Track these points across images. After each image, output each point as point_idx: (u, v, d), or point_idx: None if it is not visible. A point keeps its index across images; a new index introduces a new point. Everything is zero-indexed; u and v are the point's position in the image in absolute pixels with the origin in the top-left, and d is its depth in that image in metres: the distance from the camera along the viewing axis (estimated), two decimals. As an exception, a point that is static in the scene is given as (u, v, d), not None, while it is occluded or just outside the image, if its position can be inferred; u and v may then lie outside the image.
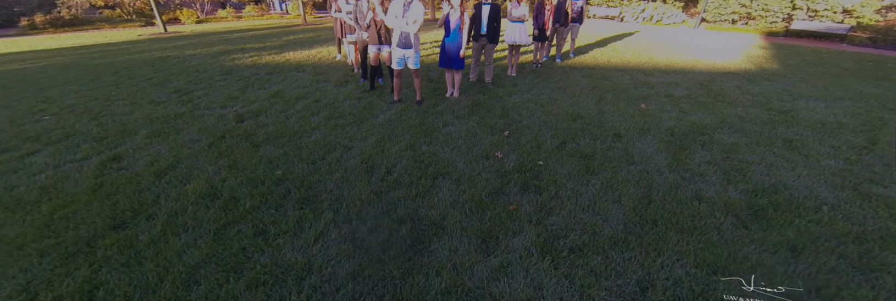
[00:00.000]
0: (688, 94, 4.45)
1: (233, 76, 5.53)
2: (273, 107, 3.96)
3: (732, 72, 5.78)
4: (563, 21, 5.99)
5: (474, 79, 4.83)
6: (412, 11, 3.43)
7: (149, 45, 9.84)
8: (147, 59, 7.35)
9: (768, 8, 11.78)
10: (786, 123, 3.50)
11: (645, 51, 7.49)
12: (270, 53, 7.61)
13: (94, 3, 16.45)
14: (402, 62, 3.74)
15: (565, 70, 5.71)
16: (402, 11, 3.45)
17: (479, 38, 4.43)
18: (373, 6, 3.98)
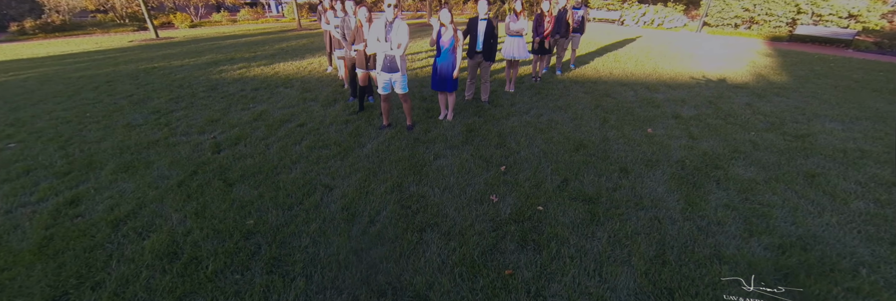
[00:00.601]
0: (696, 114, 4.20)
1: (217, 93, 5.27)
2: (254, 133, 3.71)
3: (740, 86, 5.53)
4: (564, 32, 5.74)
5: (470, 97, 4.57)
6: (396, 32, 3.16)
7: (137, 53, 9.58)
8: (132, 71, 7.08)
9: (772, 12, 11.53)
10: (804, 152, 3.26)
11: (648, 61, 7.24)
12: (260, 64, 7.35)
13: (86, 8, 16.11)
14: (389, 87, 3.47)
15: (566, 84, 5.46)
16: (385, 33, 3.18)
17: (474, 56, 4.19)
18: (360, 24, 3.73)
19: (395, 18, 3.16)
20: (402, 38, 3.18)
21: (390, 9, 3.10)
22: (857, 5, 10.49)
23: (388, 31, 3.18)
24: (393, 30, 3.16)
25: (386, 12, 3.13)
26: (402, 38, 3.18)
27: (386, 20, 3.16)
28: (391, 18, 3.14)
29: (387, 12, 3.13)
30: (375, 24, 3.19)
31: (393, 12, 3.12)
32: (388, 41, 3.18)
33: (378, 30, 3.19)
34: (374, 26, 3.19)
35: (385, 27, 3.17)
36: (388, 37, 3.18)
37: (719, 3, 12.53)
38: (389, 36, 3.18)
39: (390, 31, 3.17)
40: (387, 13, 3.13)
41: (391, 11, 3.11)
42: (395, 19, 3.16)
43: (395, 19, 3.15)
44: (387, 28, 3.18)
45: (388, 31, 3.18)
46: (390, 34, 3.17)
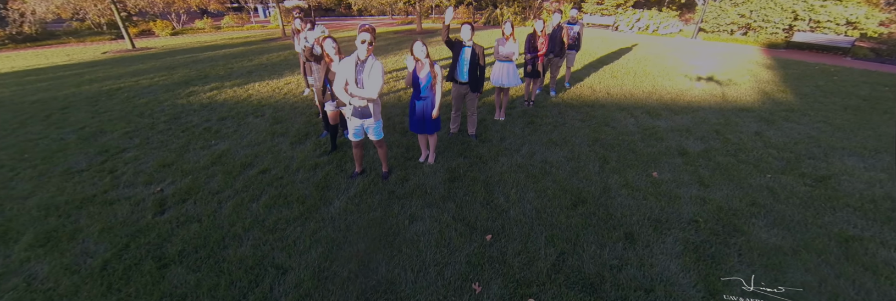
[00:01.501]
0: (704, 149, 3.83)
1: (179, 124, 4.79)
2: (208, 183, 3.26)
3: (745, 108, 5.15)
4: (559, 51, 5.35)
5: (455, 130, 4.16)
6: (369, 74, 2.71)
7: (107, 68, 9.01)
8: (94, 93, 6.56)
9: (769, 19, 11.27)
10: (829, 202, 2.89)
11: (646, 76, 6.87)
12: (234, 84, 6.86)
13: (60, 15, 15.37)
14: (361, 133, 3.03)
15: (561, 109, 5.06)
16: (355, 74, 2.73)
17: (458, 86, 3.78)
18: (328, 58, 3.28)
19: (368, 57, 2.73)
20: (375, 82, 2.72)
21: (363, 46, 2.66)
22: (855, 12, 10.26)
23: (358, 71, 2.73)
24: (365, 70, 2.71)
25: (358, 50, 2.70)
26: (375, 81, 2.72)
27: (357, 58, 2.73)
28: (363, 57, 2.71)
29: (359, 50, 2.69)
30: (345, 62, 2.74)
31: (365, 50, 2.68)
32: (359, 83, 2.76)
33: (347, 70, 2.73)
34: (343, 65, 2.73)
35: (356, 67, 2.73)
36: (359, 78, 2.74)
37: (715, 9, 12.25)
38: (360, 77, 2.74)
39: (361, 72, 2.73)
40: (359, 51, 2.69)
41: (364, 49, 2.67)
42: (368, 58, 2.73)
43: (368, 58, 2.73)
44: (358, 68, 2.73)
45: (359, 71, 2.73)
46: (361, 75, 2.74)
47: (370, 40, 2.67)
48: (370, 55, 2.73)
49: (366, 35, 2.66)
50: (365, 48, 2.67)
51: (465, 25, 3.48)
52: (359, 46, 2.68)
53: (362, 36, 2.66)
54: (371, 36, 2.69)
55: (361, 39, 2.66)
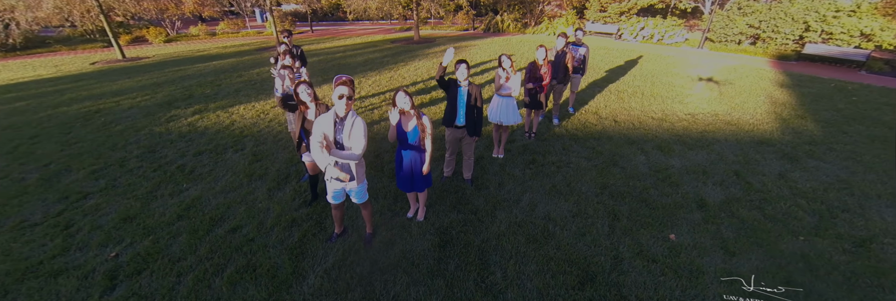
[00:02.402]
0: (725, 198, 3.45)
1: (152, 159, 4.41)
2: (170, 246, 2.90)
3: (764, 140, 4.76)
4: (563, 78, 4.98)
5: (449, 174, 3.79)
6: (349, 133, 2.34)
7: (91, 84, 8.66)
8: (70, 117, 6.20)
9: (779, 29, 10.87)
10: (877, 277, 2.51)
11: (655, 99, 6.47)
12: (219, 106, 6.50)
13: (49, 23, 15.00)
14: (341, 196, 2.67)
15: (564, 143, 4.68)
16: (334, 132, 2.37)
17: (454, 130, 3.43)
18: (303, 106, 2.91)
19: (348, 113, 2.36)
20: (357, 142, 2.36)
21: (341, 102, 2.29)
22: (870, 24, 9.86)
23: (338, 130, 2.35)
24: (345, 129, 2.34)
25: (336, 105, 2.33)
26: (357, 141, 2.35)
27: (335, 116, 2.35)
28: (342, 113, 2.34)
29: (337, 106, 2.32)
30: (322, 120, 2.36)
31: (344, 106, 2.31)
32: (339, 143, 2.38)
33: (325, 126, 2.36)
34: (321, 121, 2.36)
35: (334, 125, 2.35)
36: (339, 138, 2.36)
37: (722, 18, 11.85)
38: (339, 137, 2.36)
39: (341, 132, 2.35)
40: (337, 106, 2.32)
41: (342, 105, 2.30)
42: (348, 114, 2.35)
43: (347, 115, 2.35)
44: (337, 127, 2.35)
45: (338, 130, 2.35)
46: (341, 135, 2.36)
47: (349, 94, 2.31)
48: (350, 111, 2.37)
49: (343, 89, 2.30)
50: (343, 104, 2.30)
51: (459, 64, 3.12)
52: (336, 102, 2.31)
53: (339, 90, 2.30)
54: (349, 89, 2.33)
55: (339, 94, 2.29)
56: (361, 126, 2.37)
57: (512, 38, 14.04)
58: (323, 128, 2.35)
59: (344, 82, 2.27)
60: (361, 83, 7.63)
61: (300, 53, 5.19)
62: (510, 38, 14.05)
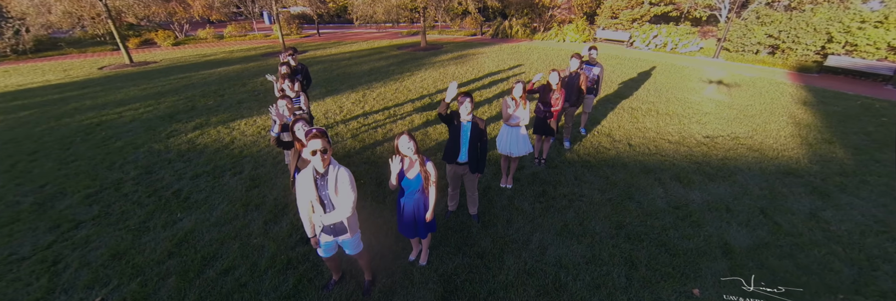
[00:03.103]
0: (752, 243, 3.17)
1: (148, 183, 4.27)
2: (158, 292, 2.71)
3: (790, 170, 4.45)
4: (576, 100, 4.74)
5: (453, 208, 3.57)
6: (334, 189, 2.11)
7: (96, 92, 8.63)
8: (72, 130, 6.13)
9: (800, 40, 10.45)
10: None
11: (671, 119, 6.15)
12: (220, 120, 6.38)
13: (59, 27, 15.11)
14: (333, 248, 2.45)
15: (576, 171, 4.41)
16: (317, 191, 2.11)
17: (456, 167, 3.22)
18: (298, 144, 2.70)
19: (328, 167, 2.12)
20: (345, 198, 2.14)
21: (317, 158, 2.05)
22: (898, 35, 9.41)
23: (320, 187, 2.12)
24: (328, 185, 2.11)
25: (312, 161, 2.09)
26: (345, 197, 2.14)
27: (313, 172, 2.12)
28: (321, 169, 2.10)
29: (314, 162, 2.09)
30: (302, 178, 2.14)
31: (321, 161, 2.07)
32: (325, 202, 2.16)
33: (306, 186, 2.12)
34: (301, 182, 2.14)
35: (315, 182, 2.12)
36: (323, 195, 2.14)
37: (740, 27, 11.45)
38: (324, 194, 2.13)
39: (325, 188, 2.12)
40: (314, 163, 2.09)
41: (319, 161, 2.06)
42: (328, 169, 2.12)
43: (327, 170, 2.12)
44: (318, 183, 2.12)
45: (321, 187, 2.12)
46: (325, 191, 2.13)
47: (323, 148, 2.05)
48: (329, 165, 2.13)
49: (317, 143, 2.03)
50: (320, 160, 2.06)
51: (463, 98, 2.91)
52: (312, 159, 2.08)
53: (313, 145, 2.03)
54: (323, 142, 2.05)
55: (313, 150, 2.03)
56: (347, 178, 2.14)
57: (520, 46, 13.76)
58: (305, 186, 2.13)
59: (316, 135, 2.03)
60: (366, 96, 7.46)
61: (305, 72, 5.03)
62: (518, 46, 13.78)
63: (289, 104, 3.26)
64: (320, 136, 2.02)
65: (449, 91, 2.84)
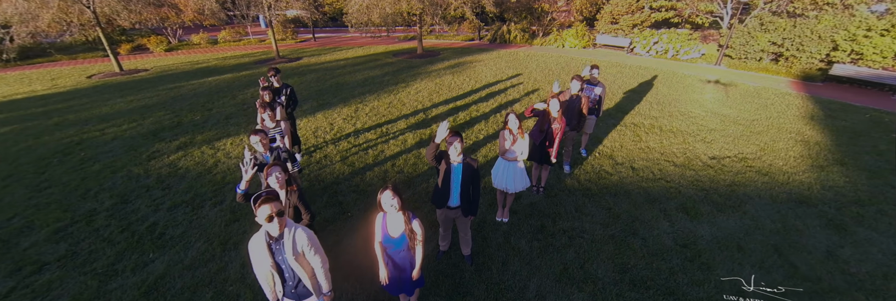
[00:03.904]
0: (769, 293, 2.95)
1: (122, 216, 4.00)
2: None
3: (803, 198, 4.20)
4: (577, 124, 4.50)
5: (445, 248, 3.32)
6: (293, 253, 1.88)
7: (82, 105, 8.36)
8: (51, 150, 5.86)
9: (804, 48, 10.22)
10: None
11: (675, 136, 5.90)
12: (205, 139, 6.11)
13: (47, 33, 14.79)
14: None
15: (577, 201, 4.15)
16: (271, 257, 1.88)
17: (447, 211, 2.95)
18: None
19: (284, 230, 1.89)
20: (313, 263, 1.94)
21: (273, 224, 1.83)
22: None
23: (276, 252, 1.89)
24: (285, 249, 1.87)
25: (269, 227, 1.85)
26: (311, 260, 1.93)
27: (266, 237, 1.88)
28: (276, 233, 1.87)
29: (270, 227, 1.85)
30: (254, 244, 1.90)
31: (277, 226, 1.85)
32: (282, 269, 1.93)
33: (259, 254, 1.89)
34: (254, 246, 1.90)
35: (269, 248, 1.88)
36: (280, 260, 1.90)
37: (742, 34, 11.21)
38: (281, 259, 1.90)
39: (282, 253, 1.88)
40: (269, 228, 1.86)
41: (275, 226, 1.84)
42: (283, 232, 1.88)
43: (282, 233, 1.88)
44: (273, 248, 1.88)
45: (277, 252, 1.88)
46: (283, 256, 1.89)
47: (277, 211, 1.83)
48: (285, 228, 1.89)
49: (267, 209, 1.80)
50: (276, 225, 1.84)
51: (452, 138, 2.65)
52: (266, 225, 1.85)
53: (263, 212, 1.80)
54: (275, 205, 1.82)
55: (266, 215, 1.80)
56: (306, 240, 1.91)
57: (519, 52, 13.51)
58: (259, 251, 1.88)
59: (266, 200, 1.79)
60: (358, 111, 7.20)
61: (290, 93, 4.77)
62: (517, 52, 13.52)
63: (263, 140, 3.01)
64: (270, 200, 1.79)
65: (439, 131, 2.60)
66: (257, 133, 2.98)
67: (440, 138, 2.61)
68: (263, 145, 3.00)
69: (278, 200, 1.87)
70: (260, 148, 3.00)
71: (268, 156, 3.03)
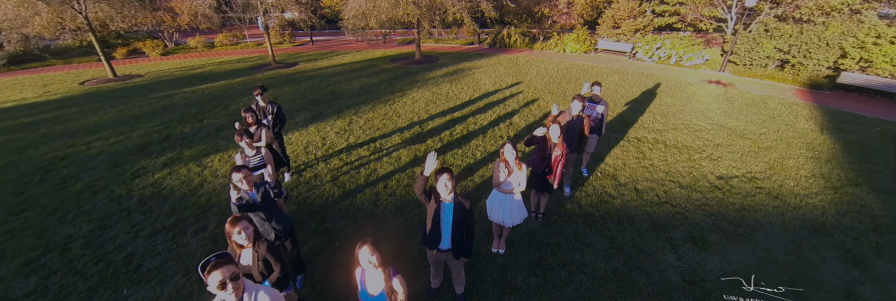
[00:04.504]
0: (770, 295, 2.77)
1: (98, 244, 3.79)
2: None
3: (816, 225, 3.98)
4: (578, 146, 4.27)
5: (436, 286, 3.09)
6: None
7: (71, 114, 8.18)
8: (33, 166, 5.66)
9: (811, 55, 9.97)
10: None
11: (680, 152, 5.67)
12: (192, 154, 5.91)
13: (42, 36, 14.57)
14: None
15: (578, 229, 3.92)
16: None
17: (438, 253, 2.72)
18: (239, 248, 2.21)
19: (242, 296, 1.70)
20: None
21: (228, 289, 1.64)
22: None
23: None
24: None
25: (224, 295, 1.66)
26: None
27: None
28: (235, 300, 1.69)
29: (225, 295, 1.66)
30: None
31: (233, 292, 1.66)
32: None
33: None
34: None
35: None
36: None
37: (747, 41, 10.96)
38: None
39: None
40: (225, 296, 1.66)
41: (231, 295, 1.65)
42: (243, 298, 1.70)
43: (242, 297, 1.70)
44: None
45: None
46: None
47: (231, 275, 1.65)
48: (244, 293, 1.71)
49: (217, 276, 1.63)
50: (231, 293, 1.65)
51: (441, 175, 2.44)
52: (219, 294, 1.66)
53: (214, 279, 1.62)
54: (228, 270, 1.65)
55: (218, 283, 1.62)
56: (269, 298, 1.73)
57: (519, 58, 13.27)
58: None
59: (216, 265, 1.59)
60: (352, 124, 6.99)
61: (278, 112, 4.56)
62: (517, 58, 13.29)
63: (246, 177, 2.77)
64: (220, 265, 1.59)
65: (427, 164, 2.39)
66: (239, 170, 2.73)
67: (429, 171, 2.41)
68: (247, 182, 2.76)
69: (231, 263, 1.67)
70: (244, 186, 2.78)
71: (254, 193, 2.81)
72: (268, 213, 2.81)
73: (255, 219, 2.82)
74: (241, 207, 2.61)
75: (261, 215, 2.80)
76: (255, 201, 2.70)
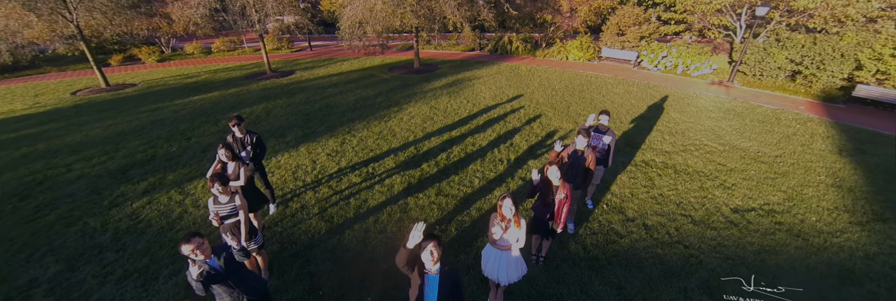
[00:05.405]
0: (770, 295, 2.45)
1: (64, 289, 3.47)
2: None
3: (845, 273, 3.60)
4: (582, 183, 3.94)
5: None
6: None
7: (57, 129, 7.90)
8: (10, 190, 5.39)
9: (825, 67, 9.58)
10: None
11: (691, 179, 5.33)
12: (175, 179, 5.59)
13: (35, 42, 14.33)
14: None
15: (582, 276, 3.58)
16: None
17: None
18: None
19: None
20: None
21: None
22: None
23: None
24: None
25: None
26: None
27: None
28: None
29: None
30: None
31: None
32: None
33: None
34: None
35: None
36: None
37: (758, 51, 10.57)
38: None
39: None
40: None
41: None
42: None
43: None
44: None
45: None
46: None
47: None
48: None
49: None
50: None
51: (427, 243, 2.12)
52: None
53: None
54: None
55: None
56: None
57: (520, 67, 12.92)
58: None
59: None
60: (345, 144, 6.67)
61: (257, 143, 4.25)
62: (519, 67, 12.93)
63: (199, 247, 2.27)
64: None
65: (412, 235, 2.09)
66: (191, 240, 2.27)
67: (412, 244, 2.10)
68: (202, 252, 2.31)
69: None
70: (199, 257, 2.32)
71: (215, 261, 2.48)
72: (236, 280, 2.50)
73: (223, 288, 2.50)
74: (205, 281, 2.29)
75: (229, 283, 2.49)
76: (217, 270, 2.39)
